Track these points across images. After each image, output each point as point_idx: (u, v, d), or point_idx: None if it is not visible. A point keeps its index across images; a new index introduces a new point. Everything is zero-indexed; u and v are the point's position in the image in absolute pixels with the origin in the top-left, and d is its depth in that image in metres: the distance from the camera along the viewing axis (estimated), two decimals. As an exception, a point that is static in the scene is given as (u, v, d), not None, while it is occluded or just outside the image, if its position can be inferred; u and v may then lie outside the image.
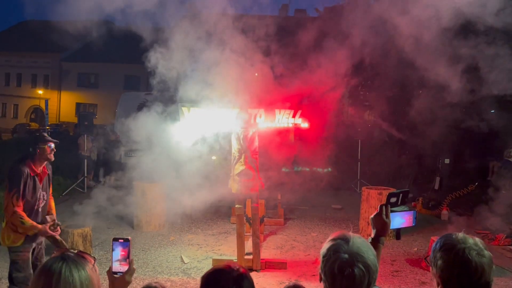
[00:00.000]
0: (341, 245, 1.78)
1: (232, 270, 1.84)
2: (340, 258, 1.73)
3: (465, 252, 1.75)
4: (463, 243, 1.79)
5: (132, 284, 6.19)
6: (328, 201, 10.99)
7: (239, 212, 6.49)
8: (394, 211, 2.19)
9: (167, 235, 8.43)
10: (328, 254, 1.78)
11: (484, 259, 1.75)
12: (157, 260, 7.01)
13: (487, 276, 1.74)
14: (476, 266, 1.73)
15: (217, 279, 1.83)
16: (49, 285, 1.53)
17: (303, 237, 8.36)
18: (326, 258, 1.78)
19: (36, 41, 38.39)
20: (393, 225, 2.19)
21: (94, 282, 1.62)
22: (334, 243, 1.80)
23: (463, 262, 1.74)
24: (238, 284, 1.79)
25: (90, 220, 8.73)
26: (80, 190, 12.24)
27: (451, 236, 1.85)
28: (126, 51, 35.25)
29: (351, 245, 1.76)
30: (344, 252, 1.74)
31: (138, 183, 8.90)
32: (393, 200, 2.21)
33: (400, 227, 2.23)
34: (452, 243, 1.80)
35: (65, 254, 1.63)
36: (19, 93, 39.60)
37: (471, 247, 1.77)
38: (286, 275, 6.26)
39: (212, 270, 1.89)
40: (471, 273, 1.73)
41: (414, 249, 7.70)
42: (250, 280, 1.85)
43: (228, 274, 1.82)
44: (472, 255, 1.74)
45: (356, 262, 1.71)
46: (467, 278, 1.73)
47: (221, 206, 10.68)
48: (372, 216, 2.18)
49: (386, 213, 2.16)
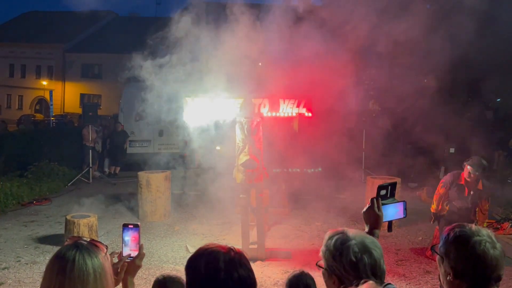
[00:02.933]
0: (344, 236, 1.78)
1: (226, 252, 1.54)
2: (353, 244, 1.73)
3: (481, 245, 1.73)
4: (478, 235, 1.76)
5: (138, 273, 6.24)
6: (333, 191, 10.99)
7: (244, 202, 6.50)
8: (384, 204, 2.19)
9: (172, 224, 8.47)
10: (339, 247, 1.76)
11: (497, 251, 1.74)
12: (162, 249, 7.06)
13: (499, 270, 1.73)
14: (491, 260, 1.71)
15: (204, 263, 1.51)
16: (63, 273, 1.55)
17: (308, 226, 8.38)
18: (339, 252, 1.76)
19: (39, 32, 38.39)
20: (386, 217, 2.18)
21: (107, 270, 1.65)
22: (338, 236, 1.80)
23: (479, 255, 1.72)
24: (234, 267, 1.50)
25: (95, 210, 8.80)
26: (86, 181, 12.30)
27: (465, 228, 1.82)
28: (130, 41, 35.29)
29: (352, 235, 1.78)
30: (352, 239, 1.75)
31: (143, 173, 8.93)
32: (383, 192, 2.21)
33: (392, 219, 2.23)
34: (467, 234, 1.78)
35: (78, 242, 1.65)
36: (23, 84, 39.66)
37: (486, 240, 1.75)
38: (290, 264, 6.28)
39: (197, 254, 1.57)
40: (487, 267, 1.72)
41: (418, 238, 7.70)
42: (245, 263, 1.56)
43: (220, 256, 1.52)
44: (488, 247, 1.73)
45: (364, 253, 1.72)
46: (482, 271, 1.72)
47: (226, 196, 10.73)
48: (364, 210, 2.17)
49: (377, 206, 2.15)
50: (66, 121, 25.41)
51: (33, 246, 7.24)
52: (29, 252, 6.95)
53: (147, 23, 34.75)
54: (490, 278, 1.73)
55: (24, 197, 10.13)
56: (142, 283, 5.69)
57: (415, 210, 9.42)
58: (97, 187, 11.73)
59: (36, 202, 10.01)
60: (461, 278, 1.76)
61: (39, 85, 37.97)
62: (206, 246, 1.59)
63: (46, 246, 7.17)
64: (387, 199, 2.22)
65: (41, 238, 7.67)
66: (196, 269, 1.53)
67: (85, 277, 1.56)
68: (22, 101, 40.36)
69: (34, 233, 7.93)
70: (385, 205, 2.18)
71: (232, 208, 9.60)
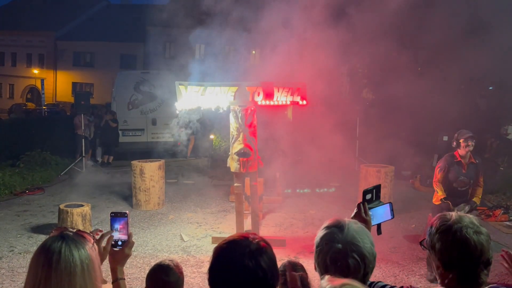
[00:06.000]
0: (335, 233, 1.69)
1: (249, 242, 1.54)
2: (333, 248, 1.65)
3: (463, 231, 1.72)
4: (459, 222, 1.75)
5: (133, 262, 6.26)
6: (326, 179, 11.02)
7: (238, 190, 6.50)
8: (371, 207, 2.19)
9: (166, 213, 8.47)
10: (321, 244, 1.71)
11: (482, 236, 1.73)
12: (156, 238, 7.06)
13: (486, 253, 1.72)
14: (475, 245, 1.70)
15: (230, 253, 1.52)
16: (49, 265, 1.51)
17: (302, 214, 8.40)
18: (319, 249, 1.71)
19: (30, 20, 37.80)
20: (374, 220, 2.18)
21: (95, 261, 1.61)
22: (328, 231, 1.72)
23: (462, 242, 1.71)
24: (255, 259, 1.49)
25: (89, 199, 8.76)
26: (79, 170, 12.23)
27: (445, 217, 1.81)
28: (122, 30, 34.91)
29: (346, 233, 1.68)
30: (338, 241, 1.66)
31: (136, 162, 8.89)
32: (369, 196, 2.21)
33: (381, 221, 2.23)
34: (448, 224, 1.77)
35: (64, 233, 1.61)
36: (14, 72, 39.18)
37: (467, 226, 1.73)
38: (285, 252, 6.31)
39: (225, 242, 1.58)
40: (471, 252, 1.70)
41: (412, 226, 7.76)
42: (270, 255, 1.56)
43: (244, 248, 1.52)
44: (469, 233, 1.71)
45: (350, 252, 1.63)
46: (468, 258, 1.71)
47: (220, 184, 10.74)
48: (352, 216, 2.13)
49: (364, 210, 2.13)
50: (58, 110, 25.23)
51: (26, 236, 7.21)
52: (22, 242, 6.92)
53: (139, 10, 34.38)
54: (478, 263, 1.72)
55: (16, 186, 10.06)
56: (137, 272, 5.70)
57: (408, 197, 9.49)
58: (90, 176, 11.67)
59: (28, 191, 9.95)
60: (450, 269, 1.75)
61: (30, 74, 37.55)
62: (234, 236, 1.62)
63: (39, 236, 7.14)
64: (373, 202, 2.22)
65: (34, 227, 7.64)
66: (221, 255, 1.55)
67: (72, 269, 1.52)
68: (13, 90, 39.91)
69: (27, 222, 7.90)
70: (372, 208, 2.18)
71: (226, 196, 9.62)
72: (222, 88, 6.31)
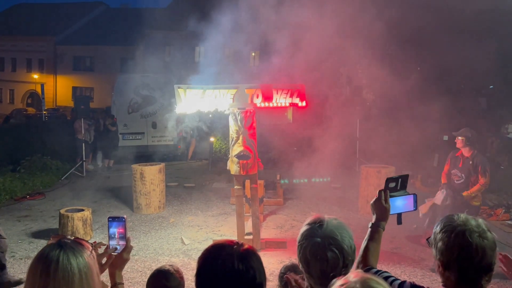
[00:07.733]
0: (314, 229, 1.78)
1: (235, 245, 1.57)
2: (313, 242, 1.74)
3: (465, 234, 1.71)
4: (464, 225, 1.75)
5: (134, 266, 6.24)
6: (327, 180, 11.00)
7: (239, 193, 6.49)
8: (393, 196, 2.18)
9: (167, 217, 8.45)
10: (302, 240, 1.79)
11: (486, 241, 1.72)
12: (157, 242, 7.04)
13: (489, 258, 1.71)
14: (476, 248, 1.69)
15: (217, 256, 1.53)
16: (47, 274, 1.50)
17: (303, 216, 8.38)
18: (300, 244, 1.80)
19: (30, 25, 37.93)
20: (393, 210, 2.17)
21: (93, 269, 1.60)
22: (308, 227, 1.81)
23: (462, 244, 1.71)
24: (244, 260, 1.53)
25: (89, 204, 8.75)
26: (79, 174, 12.22)
27: (451, 218, 1.81)
28: (121, 33, 34.94)
29: (325, 228, 1.77)
30: (317, 236, 1.75)
31: (136, 165, 8.88)
32: (392, 185, 2.21)
33: (401, 211, 2.22)
34: (452, 225, 1.77)
35: (62, 241, 1.60)
36: (14, 78, 39.24)
37: (472, 229, 1.73)
38: (286, 254, 6.29)
39: (211, 246, 1.59)
40: (471, 256, 1.69)
41: (413, 226, 7.72)
42: (258, 257, 1.60)
43: (231, 250, 1.55)
44: (472, 237, 1.70)
45: (328, 246, 1.72)
46: (468, 261, 1.70)
47: (221, 187, 10.72)
48: (372, 201, 2.18)
49: (385, 198, 2.15)
50: (58, 115, 25.24)
51: (27, 241, 7.20)
52: (23, 247, 6.91)
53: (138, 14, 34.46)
54: (479, 268, 1.71)
55: (17, 192, 10.04)
56: (138, 276, 5.69)
57: (409, 198, 9.45)
58: (90, 180, 11.66)
59: (29, 196, 9.94)
60: (448, 269, 1.75)
61: (30, 79, 37.60)
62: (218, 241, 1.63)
63: (40, 241, 7.12)
64: (397, 192, 2.22)
65: (35, 233, 7.62)
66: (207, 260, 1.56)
67: (70, 277, 1.51)
68: (14, 95, 39.97)
69: (27, 228, 7.88)
70: (393, 197, 2.18)
71: (227, 199, 9.60)
72: (221, 90, 6.30)
